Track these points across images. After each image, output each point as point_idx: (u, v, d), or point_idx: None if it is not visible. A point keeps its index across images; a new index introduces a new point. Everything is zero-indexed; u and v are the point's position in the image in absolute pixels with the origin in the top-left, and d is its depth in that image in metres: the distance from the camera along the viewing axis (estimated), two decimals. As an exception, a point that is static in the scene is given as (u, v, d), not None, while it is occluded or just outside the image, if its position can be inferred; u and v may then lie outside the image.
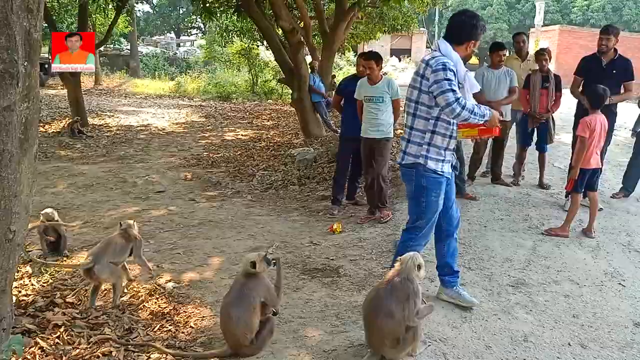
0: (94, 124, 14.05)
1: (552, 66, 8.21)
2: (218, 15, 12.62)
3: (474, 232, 5.40)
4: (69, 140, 11.79)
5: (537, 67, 6.84)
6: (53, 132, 12.91)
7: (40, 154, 10.39)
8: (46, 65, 19.96)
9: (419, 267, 3.11)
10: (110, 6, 14.94)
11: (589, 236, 5.34)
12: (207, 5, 11.25)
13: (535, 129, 6.98)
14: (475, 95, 6.71)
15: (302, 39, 10.20)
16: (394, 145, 7.22)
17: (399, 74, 25.61)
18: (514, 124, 7.27)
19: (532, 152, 7.28)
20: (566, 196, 6.18)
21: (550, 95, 6.74)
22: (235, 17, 13.95)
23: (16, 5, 2.56)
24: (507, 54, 6.96)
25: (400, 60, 33.38)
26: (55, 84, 22.44)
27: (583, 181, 5.32)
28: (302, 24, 11.69)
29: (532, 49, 17.34)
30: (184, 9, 40.64)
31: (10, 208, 2.86)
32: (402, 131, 4.28)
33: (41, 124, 13.83)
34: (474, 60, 32.26)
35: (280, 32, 10.82)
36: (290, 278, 4.44)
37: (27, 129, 2.82)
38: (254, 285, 3.24)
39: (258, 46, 20.54)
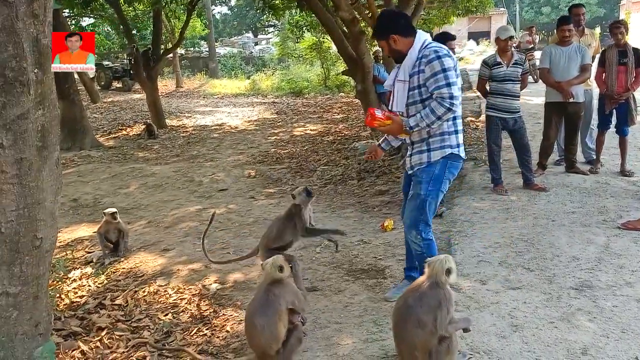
0: (172, 125, 14.54)
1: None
2: (281, 11, 12.60)
3: (539, 228, 4.95)
4: (148, 142, 12.27)
5: (595, 43, 6.19)
6: (134, 134, 13.50)
7: (120, 156, 10.93)
8: (131, 71, 20.97)
9: (449, 271, 2.83)
10: (182, 10, 15.36)
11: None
12: (270, 1, 11.24)
13: (615, 110, 6.34)
14: (544, 75, 6.26)
15: (363, 29, 9.92)
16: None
17: (475, 58, 24.53)
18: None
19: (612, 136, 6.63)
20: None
21: (629, 71, 6.09)
22: (299, 12, 13.87)
23: (21, 12, 2.54)
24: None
25: (478, 43, 32.02)
26: (140, 89, 23.56)
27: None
28: (369, 14, 11.40)
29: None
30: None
31: (34, 216, 2.88)
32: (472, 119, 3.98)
33: (123, 127, 14.57)
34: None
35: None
36: (333, 279, 4.28)
37: (44, 136, 2.83)
38: (280, 292, 3.09)
39: (329, 39, 20.41)
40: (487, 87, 6.18)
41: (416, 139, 3.52)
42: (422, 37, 3.50)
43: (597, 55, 6.63)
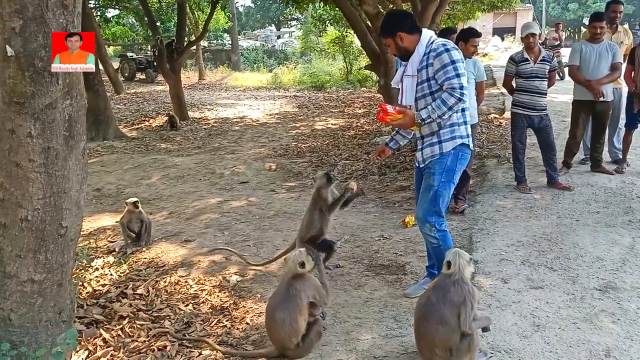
0: (193, 117, 14.62)
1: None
2: (305, 4, 12.56)
3: (562, 227, 4.88)
4: (170, 134, 12.37)
5: (629, 41, 6.06)
6: (156, 126, 13.61)
7: (142, 147, 11.02)
8: (155, 63, 21.15)
9: (469, 262, 2.82)
10: (206, 2, 15.41)
11: None
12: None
13: (643, 109, 6.21)
14: (573, 72, 6.16)
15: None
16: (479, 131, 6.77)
17: (500, 54, 24.21)
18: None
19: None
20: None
21: (660, 70, 5.96)
22: (322, 6, 13.82)
23: (51, 2, 2.57)
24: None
25: (503, 39, 31.57)
26: (163, 81, 23.74)
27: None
28: (394, 8, 11.33)
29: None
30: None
31: (60, 204, 2.92)
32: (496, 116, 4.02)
33: (146, 119, 14.69)
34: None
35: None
36: (353, 274, 4.27)
37: (71, 126, 2.86)
38: (302, 286, 3.10)
39: (352, 34, 20.34)
40: (513, 84, 6.10)
41: (426, 132, 3.59)
42: (428, 34, 3.61)
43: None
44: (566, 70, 7.69)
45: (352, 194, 4.41)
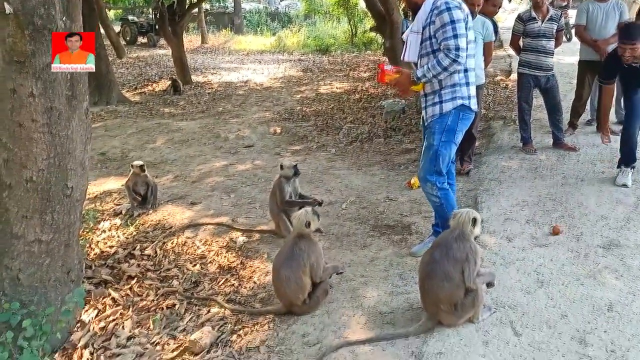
0: (197, 81, 14.49)
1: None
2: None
3: (567, 187, 4.87)
4: (173, 98, 12.30)
5: None
6: (159, 90, 13.51)
7: (146, 111, 10.97)
8: (156, 27, 20.90)
9: (474, 221, 2.82)
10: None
11: None
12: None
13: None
14: (579, 32, 6.04)
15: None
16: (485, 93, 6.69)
17: (507, 16, 23.73)
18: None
19: None
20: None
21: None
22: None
23: (50, -41, 2.53)
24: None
25: (510, 0, 30.90)
26: (165, 45, 23.48)
27: None
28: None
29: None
30: (287, -38, 40.39)
31: (65, 165, 2.93)
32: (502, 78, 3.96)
33: (149, 83, 14.58)
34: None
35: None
36: (359, 235, 4.29)
37: (73, 86, 2.85)
38: (306, 247, 3.12)
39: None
40: (521, 44, 6.00)
41: (428, 91, 3.59)
42: None
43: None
44: (573, 31, 7.53)
45: (312, 203, 4.31)
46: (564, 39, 7.73)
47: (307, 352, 2.82)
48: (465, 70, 3.53)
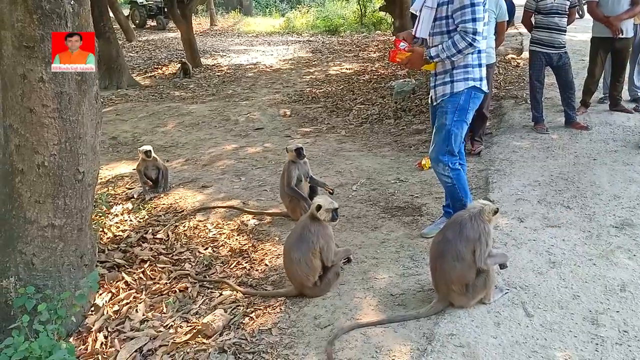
0: (206, 64, 14.46)
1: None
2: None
3: (579, 167, 4.83)
4: (183, 81, 12.29)
5: None
6: (169, 73, 13.51)
7: (156, 95, 10.99)
8: (165, 9, 20.81)
9: (495, 211, 2.83)
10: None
11: None
12: None
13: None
14: (592, 8, 5.93)
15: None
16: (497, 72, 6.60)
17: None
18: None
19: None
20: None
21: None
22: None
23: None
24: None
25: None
26: (175, 28, 23.39)
27: None
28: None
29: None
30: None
31: (76, 150, 2.95)
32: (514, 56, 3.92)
33: (159, 66, 14.57)
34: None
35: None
36: (370, 217, 4.29)
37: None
38: (316, 230, 3.12)
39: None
40: (532, 21, 5.90)
41: (440, 69, 3.55)
42: None
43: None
44: (585, 8, 7.41)
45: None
46: (577, 15, 7.60)
47: (318, 334, 2.84)
48: (479, 52, 3.49)
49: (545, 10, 5.70)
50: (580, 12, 10.96)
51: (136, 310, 3.31)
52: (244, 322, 3.05)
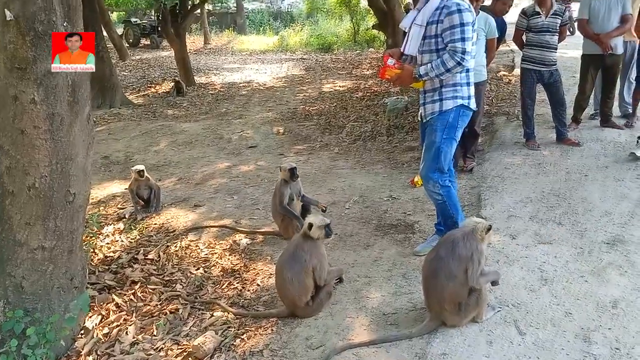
0: (200, 82, 14.52)
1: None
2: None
3: (571, 183, 4.85)
4: (177, 100, 12.31)
5: None
6: (163, 92, 13.54)
7: (149, 114, 10.99)
8: (159, 28, 20.91)
9: (488, 229, 2.83)
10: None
11: None
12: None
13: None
14: (582, 26, 6.00)
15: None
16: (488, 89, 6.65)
17: (510, 10, 23.62)
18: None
19: None
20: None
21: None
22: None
23: (50, -36, 2.53)
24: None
25: (514, -5, 30.77)
26: (168, 46, 23.50)
27: None
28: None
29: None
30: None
31: (67, 171, 2.94)
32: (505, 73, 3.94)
33: (152, 85, 14.60)
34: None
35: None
36: (362, 235, 4.29)
37: (75, 91, 2.85)
38: (309, 249, 3.12)
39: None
40: (524, 39, 5.97)
41: (428, 87, 3.59)
42: None
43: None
44: (576, 25, 7.52)
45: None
46: (568, 32, 7.70)
47: (310, 355, 2.82)
48: (467, 70, 3.53)
49: (536, 28, 5.77)
50: (571, 29, 11.10)
51: (126, 332, 3.27)
52: (235, 344, 3.02)
